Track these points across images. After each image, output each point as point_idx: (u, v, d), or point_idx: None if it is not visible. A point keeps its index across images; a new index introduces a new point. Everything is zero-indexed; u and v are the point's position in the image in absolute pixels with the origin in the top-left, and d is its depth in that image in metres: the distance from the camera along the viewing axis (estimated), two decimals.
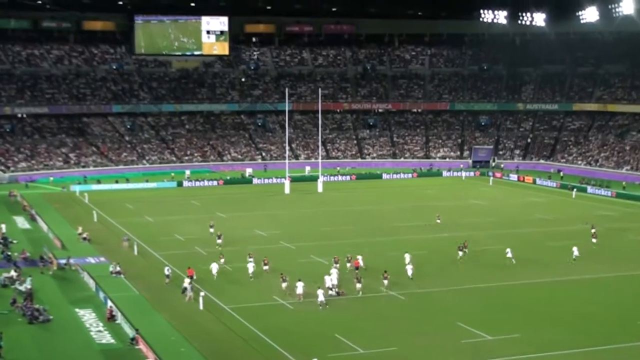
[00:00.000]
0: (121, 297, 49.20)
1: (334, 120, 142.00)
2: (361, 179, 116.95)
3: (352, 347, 40.37)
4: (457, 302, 49.42)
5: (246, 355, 39.59)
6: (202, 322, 45.09)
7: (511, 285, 53.50)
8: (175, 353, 39.69)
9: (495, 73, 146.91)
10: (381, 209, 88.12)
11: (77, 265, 57.70)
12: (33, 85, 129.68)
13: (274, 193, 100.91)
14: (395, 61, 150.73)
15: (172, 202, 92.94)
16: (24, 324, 44.61)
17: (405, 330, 43.57)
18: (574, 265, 59.09)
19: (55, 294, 51.24)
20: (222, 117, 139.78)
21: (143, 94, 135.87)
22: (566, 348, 40.48)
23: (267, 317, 45.74)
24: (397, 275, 53.76)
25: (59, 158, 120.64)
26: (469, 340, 41.62)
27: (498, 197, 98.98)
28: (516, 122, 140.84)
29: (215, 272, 54.49)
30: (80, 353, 40.24)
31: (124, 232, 71.08)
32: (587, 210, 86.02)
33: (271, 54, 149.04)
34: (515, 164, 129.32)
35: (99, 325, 44.46)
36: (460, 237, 64.79)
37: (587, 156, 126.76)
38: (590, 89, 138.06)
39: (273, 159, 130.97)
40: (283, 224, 77.19)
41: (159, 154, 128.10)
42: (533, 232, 72.51)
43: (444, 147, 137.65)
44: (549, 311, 47.41)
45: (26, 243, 66.70)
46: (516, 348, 40.33)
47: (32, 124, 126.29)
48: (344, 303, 48.73)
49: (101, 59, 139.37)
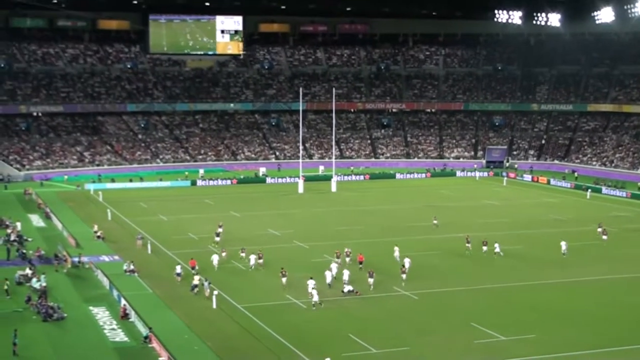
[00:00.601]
0: (135, 295, 49.31)
1: (348, 120, 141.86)
2: (375, 179, 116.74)
3: (365, 347, 40.26)
4: (470, 302, 49.21)
5: (259, 354, 39.54)
6: (216, 320, 45.08)
7: (526, 285, 53.22)
8: (188, 351, 39.69)
9: (510, 73, 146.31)
10: (394, 209, 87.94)
11: (91, 263, 57.85)
12: (48, 83, 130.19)
13: (288, 192, 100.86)
14: (410, 61, 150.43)
15: (185, 201, 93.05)
16: (39, 322, 44.75)
17: (418, 329, 43.43)
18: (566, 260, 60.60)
19: (69, 292, 51.39)
20: (236, 116, 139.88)
21: (157, 93, 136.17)
22: (583, 349, 40.19)
23: (280, 316, 45.69)
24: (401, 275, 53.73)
25: (74, 156, 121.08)
26: (483, 340, 41.42)
27: (512, 197, 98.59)
28: (530, 122, 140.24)
29: (216, 264, 56.29)
30: (93, 351, 40.30)
31: (138, 230, 71.20)
32: (602, 211, 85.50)
33: (285, 54, 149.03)
34: (529, 165, 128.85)
35: (113, 323, 44.55)
36: (473, 237, 64.37)
37: (602, 157, 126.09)
38: (606, 89, 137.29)
39: (287, 158, 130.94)
40: (296, 224, 77.13)
41: (173, 152, 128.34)
42: (547, 233, 72.14)
43: (457, 147, 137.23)
44: (565, 312, 47.14)
45: (41, 241, 66.97)
46: (531, 349, 40.08)
47: (47, 123, 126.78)
48: (357, 302, 48.62)
49: (116, 58, 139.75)
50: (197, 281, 50.72)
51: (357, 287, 50.74)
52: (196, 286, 50.43)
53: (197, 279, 50.95)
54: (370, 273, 51.96)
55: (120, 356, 39.43)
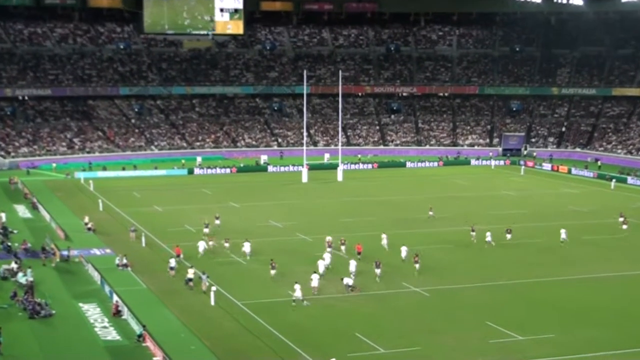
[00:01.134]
0: (128, 291, 49.39)
1: (355, 105, 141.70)
2: (383, 168, 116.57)
3: (373, 347, 40.29)
4: (485, 299, 49.21)
5: (260, 355, 39.58)
6: (214, 318, 45.16)
7: (545, 281, 53.19)
8: (185, 351, 39.76)
9: (528, 55, 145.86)
10: (404, 200, 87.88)
11: (81, 256, 57.95)
12: (35, 65, 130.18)
13: (291, 182, 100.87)
14: (421, 42, 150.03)
15: (182, 191, 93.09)
16: (25, 319, 44.85)
17: (430, 328, 43.45)
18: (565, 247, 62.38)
19: (57, 288, 51.48)
20: (236, 100, 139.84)
21: (152, 76, 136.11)
22: (605, 349, 40.22)
23: (283, 314, 45.73)
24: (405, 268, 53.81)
25: (63, 143, 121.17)
26: (498, 340, 41.43)
27: (530, 187, 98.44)
28: (550, 107, 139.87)
29: (202, 251, 58.44)
30: (84, 350, 40.38)
31: (131, 222, 71.30)
32: (627, 202, 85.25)
33: (288, 34, 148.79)
34: (548, 153, 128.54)
35: (104, 320, 44.63)
36: (488, 230, 64.34)
37: (628, 144, 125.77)
38: (632, 72, 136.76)
39: (290, 145, 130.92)
40: (300, 215, 77.15)
41: (169, 139, 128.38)
42: (567, 225, 71.72)
43: (472, 134, 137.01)
44: (586, 310, 47.17)
45: (27, 233, 67.05)
46: (550, 349, 40.08)
47: (34, 107, 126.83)
48: (364, 299, 48.65)
49: (108, 38, 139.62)
50: (192, 274, 50.90)
51: (362, 278, 50.86)
52: (191, 280, 50.65)
53: (192, 272, 51.15)
54: (377, 263, 52.86)
55: (112, 356, 39.50)
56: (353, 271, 52.33)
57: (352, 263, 53.24)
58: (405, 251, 57.46)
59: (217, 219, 69.32)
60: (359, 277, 51.93)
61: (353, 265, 52.87)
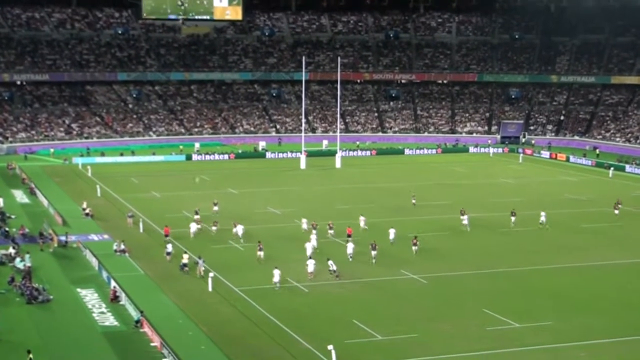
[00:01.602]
0: (125, 276, 49.45)
1: (354, 92, 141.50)
2: (382, 155, 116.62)
3: (370, 333, 40.33)
4: (483, 286, 49.26)
5: (257, 341, 39.58)
6: (211, 304, 45.19)
7: (542, 269, 53.22)
8: (182, 337, 39.77)
9: (528, 42, 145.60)
10: (403, 187, 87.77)
11: (79, 242, 57.95)
12: (33, 50, 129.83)
13: (289, 168, 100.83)
14: (420, 29, 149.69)
15: (180, 177, 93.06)
16: (22, 304, 44.86)
17: (427, 315, 43.50)
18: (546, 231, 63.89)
19: (55, 273, 51.52)
20: (235, 86, 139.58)
21: (150, 61, 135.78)
22: (602, 337, 40.28)
23: (280, 300, 45.74)
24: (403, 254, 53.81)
25: (61, 128, 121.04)
26: (495, 327, 41.47)
27: (528, 175, 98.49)
28: (549, 95, 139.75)
29: (193, 232, 60.23)
30: (81, 335, 40.40)
31: (129, 208, 71.25)
32: (625, 190, 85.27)
33: (287, 20, 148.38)
34: (547, 140, 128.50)
35: (102, 306, 44.66)
36: (486, 217, 64.51)
37: (626, 132, 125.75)
38: (631, 60, 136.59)
39: (288, 132, 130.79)
40: (298, 202, 77.15)
41: (167, 125, 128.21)
42: (566, 214, 72.08)
43: (470, 121, 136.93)
44: (583, 298, 47.23)
45: (25, 218, 67.07)
46: (547, 337, 40.13)
47: (32, 92, 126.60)
48: (362, 285, 48.72)
49: (106, 23, 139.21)
50: (187, 259, 51.21)
51: (358, 265, 51.02)
52: (185, 265, 50.94)
53: (187, 257, 51.51)
54: (372, 245, 53.97)
55: (110, 341, 39.51)
56: (350, 253, 53.83)
57: (349, 246, 54.60)
58: (393, 234, 58.77)
59: (215, 205, 69.29)
60: (355, 261, 52.02)
61: (350, 248, 54.28)
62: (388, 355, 37.70)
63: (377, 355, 37.71)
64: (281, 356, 37.52)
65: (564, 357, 37.89)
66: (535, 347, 38.76)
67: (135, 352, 38.16)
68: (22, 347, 36.70)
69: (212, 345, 38.88)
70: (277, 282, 47.50)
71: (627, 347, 39.32)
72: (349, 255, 53.71)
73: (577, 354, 38.11)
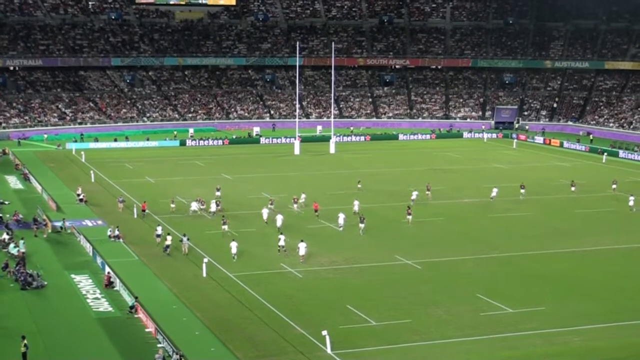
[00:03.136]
0: (120, 262, 49.41)
1: (348, 77, 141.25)
2: (376, 140, 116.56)
3: (365, 319, 40.37)
4: (477, 272, 49.33)
5: (252, 326, 39.57)
6: (206, 289, 45.17)
7: (536, 255, 53.30)
8: (177, 322, 39.75)
9: (522, 27, 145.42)
10: (397, 172, 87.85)
11: (73, 228, 57.84)
12: (26, 35, 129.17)
13: (283, 154, 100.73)
14: (414, 14, 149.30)
15: (174, 163, 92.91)
16: (17, 290, 44.78)
17: (421, 301, 43.53)
18: (493, 204, 67.86)
19: (49, 259, 51.42)
20: (229, 72, 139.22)
21: (144, 47, 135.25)
22: (595, 322, 40.39)
23: (275, 286, 45.75)
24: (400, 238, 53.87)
25: (54, 114, 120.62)
26: (489, 312, 41.55)
27: (522, 160, 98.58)
28: (543, 80, 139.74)
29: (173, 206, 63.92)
30: (75, 321, 40.34)
31: (123, 193, 71.09)
32: (618, 175, 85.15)
33: (281, 5, 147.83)
34: (541, 126, 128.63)
35: (96, 292, 44.60)
36: (481, 203, 64.57)
37: (620, 118, 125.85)
38: (625, 45, 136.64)
39: (282, 117, 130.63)
40: (292, 187, 76.92)
41: (161, 110, 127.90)
42: (559, 199, 72.19)
43: (464, 106, 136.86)
44: (577, 283, 47.30)
45: (19, 204, 66.91)
46: (540, 322, 40.22)
47: (25, 77, 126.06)
48: (356, 271, 48.76)
49: (99, 8, 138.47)
50: (170, 241, 51.93)
51: (355, 253, 51.17)
52: (168, 247, 51.66)
53: (170, 239, 52.17)
54: (361, 218, 57.10)
55: (104, 327, 39.47)
56: (342, 224, 57.41)
57: (340, 216, 58.24)
58: (357, 205, 62.40)
59: (218, 191, 69.58)
60: (349, 246, 52.12)
61: (342, 219, 57.96)
62: (382, 340, 37.75)
63: (371, 340, 37.75)
64: (275, 341, 37.52)
65: (558, 342, 37.97)
66: (528, 332, 38.85)
67: (129, 338, 38.10)
68: (17, 333, 36.62)
69: (206, 330, 38.88)
70: (235, 253, 50.15)
71: (621, 331, 39.43)
72: (340, 226, 57.13)
73: (571, 339, 38.22)
